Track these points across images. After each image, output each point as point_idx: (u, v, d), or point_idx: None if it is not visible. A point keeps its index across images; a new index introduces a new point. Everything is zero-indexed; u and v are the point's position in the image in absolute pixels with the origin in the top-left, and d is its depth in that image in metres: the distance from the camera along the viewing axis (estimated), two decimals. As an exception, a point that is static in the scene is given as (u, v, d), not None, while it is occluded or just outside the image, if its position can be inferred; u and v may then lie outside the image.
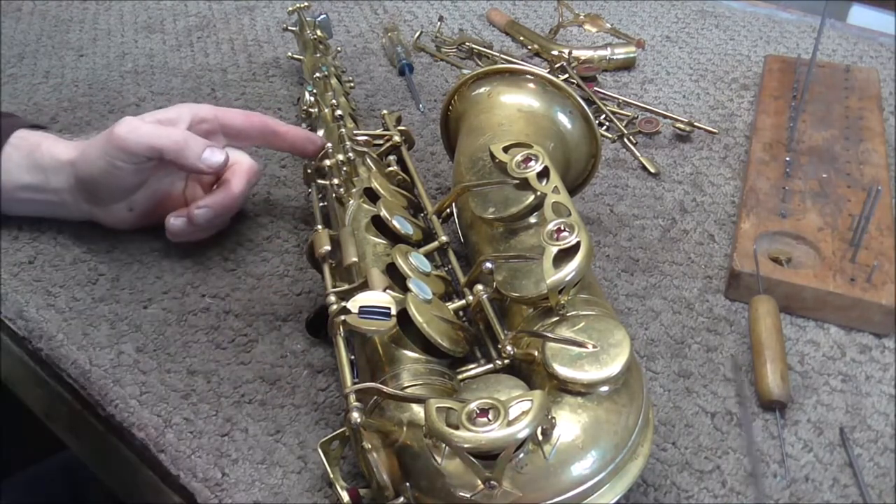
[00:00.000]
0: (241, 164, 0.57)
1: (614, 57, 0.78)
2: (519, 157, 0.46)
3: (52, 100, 0.75)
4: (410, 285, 0.42)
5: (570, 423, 0.35)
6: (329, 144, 0.57)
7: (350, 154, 0.53)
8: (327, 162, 0.54)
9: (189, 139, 0.52)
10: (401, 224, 0.47)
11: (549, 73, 0.54)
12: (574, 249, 0.40)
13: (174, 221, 0.54)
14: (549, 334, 0.38)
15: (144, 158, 0.51)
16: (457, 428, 0.32)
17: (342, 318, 0.40)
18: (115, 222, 0.57)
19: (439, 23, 0.85)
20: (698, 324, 0.51)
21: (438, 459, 0.35)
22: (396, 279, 0.44)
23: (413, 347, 0.41)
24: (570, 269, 0.39)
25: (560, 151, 0.53)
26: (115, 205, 0.55)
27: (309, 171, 0.58)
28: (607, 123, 0.70)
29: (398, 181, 0.54)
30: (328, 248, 0.47)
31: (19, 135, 0.55)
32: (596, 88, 0.74)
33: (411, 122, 0.71)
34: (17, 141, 0.55)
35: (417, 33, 0.84)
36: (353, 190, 0.51)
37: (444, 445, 0.34)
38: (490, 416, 0.33)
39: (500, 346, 0.41)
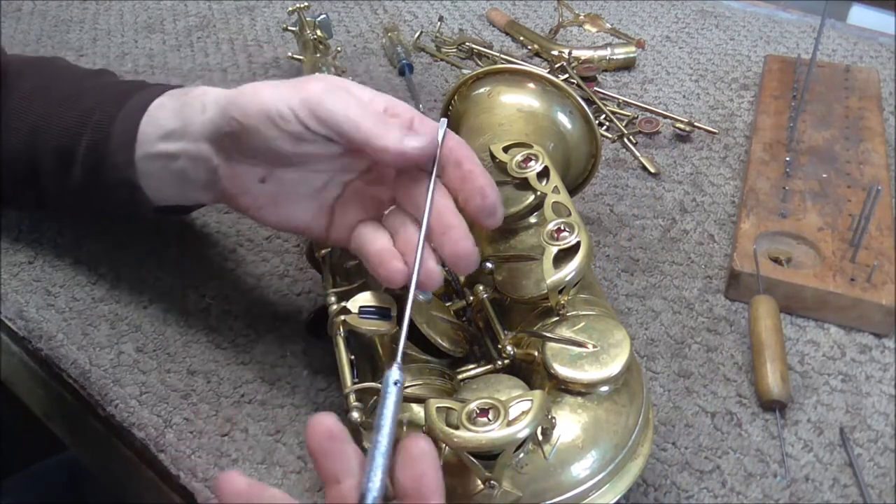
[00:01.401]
0: (460, 146, 0.42)
1: (614, 57, 0.78)
2: (519, 157, 0.46)
3: (52, 100, 0.75)
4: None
5: (570, 423, 0.35)
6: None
7: (350, 154, 0.53)
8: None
9: (388, 120, 0.41)
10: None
11: (549, 73, 0.54)
12: (574, 249, 0.40)
13: (398, 268, 0.40)
14: (549, 334, 0.38)
15: (327, 130, 0.41)
16: (457, 428, 0.32)
17: (342, 318, 0.40)
18: (239, 192, 0.45)
19: (439, 23, 0.85)
20: (698, 324, 0.51)
21: (438, 459, 0.35)
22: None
23: (413, 347, 0.41)
24: (570, 269, 0.39)
25: (560, 151, 0.53)
26: (250, 165, 0.44)
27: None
28: (607, 123, 0.70)
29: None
30: (328, 248, 0.47)
31: (176, 89, 0.48)
32: (596, 88, 0.74)
33: (411, 122, 0.71)
34: (175, 90, 0.48)
35: (417, 33, 0.84)
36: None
37: (444, 445, 0.34)
38: (490, 416, 0.33)
39: (500, 346, 0.41)
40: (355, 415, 0.36)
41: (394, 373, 0.33)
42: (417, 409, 0.37)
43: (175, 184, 0.47)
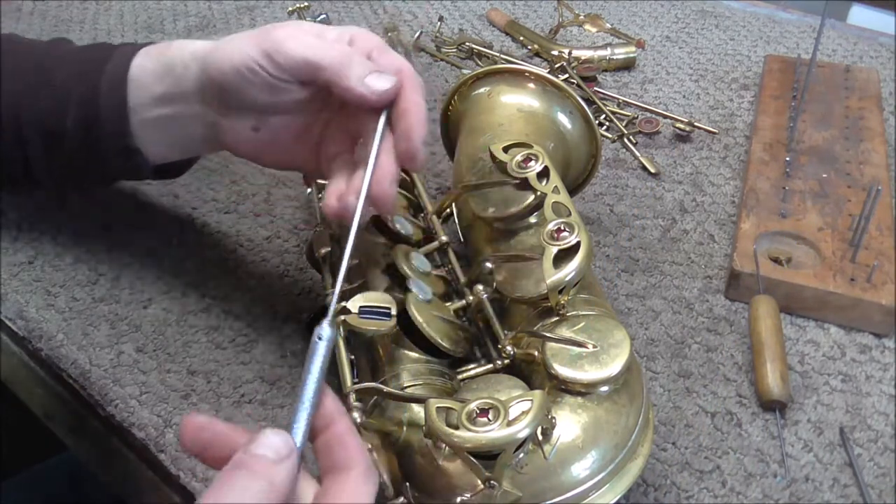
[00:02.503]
0: (411, 94, 0.43)
1: (614, 57, 0.78)
2: (519, 157, 0.46)
3: (52, 100, 0.75)
4: (410, 285, 0.42)
5: (570, 423, 0.35)
6: None
7: (350, 154, 0.53)
8: (327, 162, 0.54)
9: (354, 57, 0.42)
10: (401, 224, 0.47)
11: (549, 73, 0.54)
12: (574, 249, 0.40)
13: (333, 207, 0.42)
14: (549, 334, 0.38)
15: (293, 76, 0.43)
16: (457, 428, 0.32)
17: (342, 317, 0.40)
18: (237, 142, 0.47)
19: (439, 23, 0.85)
20: (698, 324, 0.51)
21: (438, 459, 0.35)
22: (396, 279, 0.44)
23: (413, 347, 0.41)
24: (570, 269, 0.39)
25: (560, 151, 0.53)
26: (241, 118, 0.45)
27: (309, 171, 0.58)
28: (607, 123, 0.70)
29: (398, 181, 0.54)
30: (328, 248, 0.47)
31: (149, 46, 0.48)
32: (596, 88, 0.74)
33: (411, 122, 0.71)
34: (149, 49, 0.48)
35: (417, 33, 0.83)
36: (353, 190, 0.51)
37: (444, 445, 0.34)
38: (490, 416, 0.33)
39: (500, 346, 0.41)
40: (355, 415, 0.36)
41: (324, 329, 0.33)
42: (417, 409, 0.37)
43: (175, 143, 0.49)
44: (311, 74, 0.42)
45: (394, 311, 0.40)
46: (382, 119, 0.42)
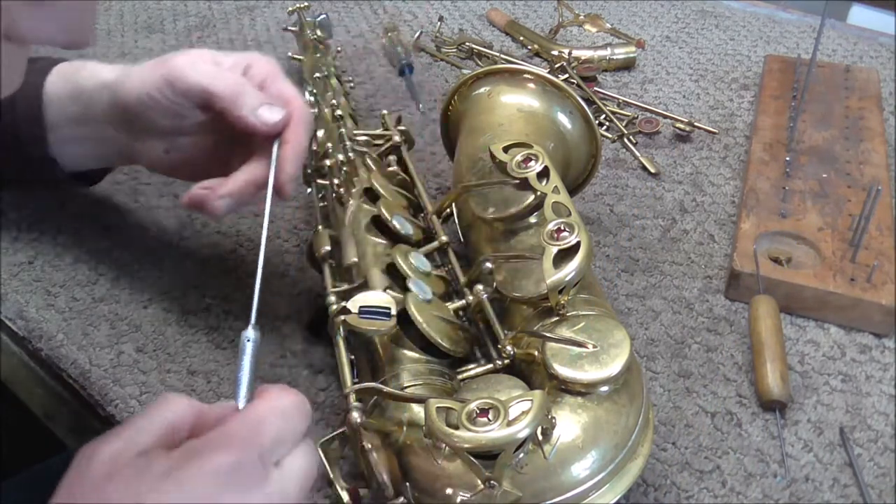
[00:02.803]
0: (296, 128, 0.46)
1: (614, 57, 0.78)
2: (519, 157, 0.46)
3: (52, 100, 0.75)
4: (410, 285, 0.42)
5: (570, 423, 0.35)
6: (329, 144, 0.57)
7: (350, 154, 0.53)
8: (327, 162, 0.54)
9: (247, 87, 0.46)
10: (401, 224, 0.47)
11: (549, 73, 0.54)
12: (574, 249, 0.40)
13: (192, 197, 0.46)
14: (549, 334, 0.38)
15: (191, 102, 0.46)
16: (457, 428, 0.32)
17: (342, 318, 0.40)
18: (150, 163, 0.51)
19: (439, 23, 0.85)
20: (698, 324, 0.51)
21: (438, 459, 0.35)
22: (396, 279, 0.44)
23: (413, 347, 0.41)
24: (570, 269, 0.39)
25: (560, 151, 0.53)
26: (151, 140, 0.49)
27: (309, 171, 0.58)
28: (607, 123, 0.70)
29: (398, 181, 0.54)
30: (328, 248, 0.47)
31: (62, 65, 0.51)
32: (596, 88, 0.74)
33: (411, 122, 0.71)
34: (61, 68, 0.51)
35: (417, 33, 0.83)
36: (353, 190, 0.51)
37: (444, 445, 0.34)
38: (490, 416, 0.33)
39: (500, 346, 0.41)
40: (355, 415, 0.36)
41: (249, 332, 0.36)
42: (417, 409, 0.37)
43: (91, 157, 0.53)
44: (207, 101, 0.46)
45: (394, 311, 0.40)
46: (275, 148, 0.45)
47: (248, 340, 0.36)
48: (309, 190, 0.58)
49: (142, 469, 0.29)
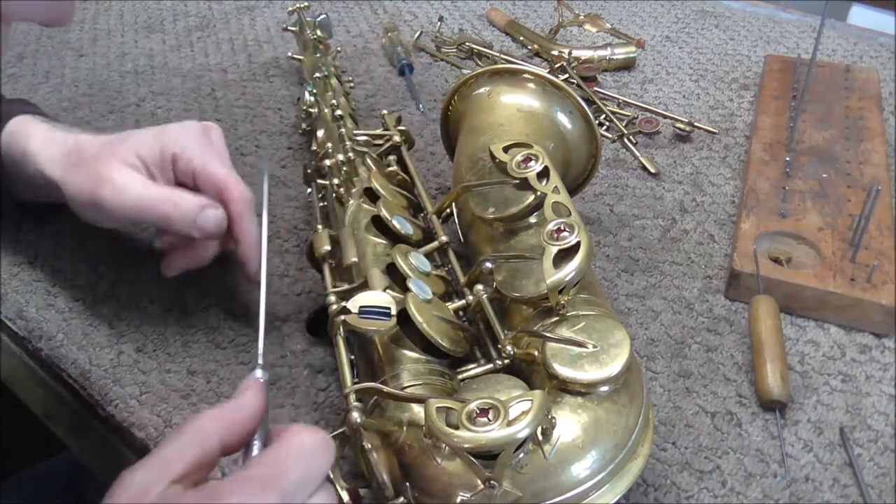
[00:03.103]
0: (241, 221, 0.49)
1: (614, 57, 0.78)
2: (519, 157, 0.46)
3: (52, 100, 0.75)
4: (410, 285, 0.42)
5: (570, 423, 0.35)
6: (329, 144, 0.57)
7: (350, 154, 0.53)
8: (327, 162, 0.54)
9: (179, 203, 0.46)
10: (401, 224, 0.47)
11: (549, 73, 0.54)
12: (574, 249, 0.40)
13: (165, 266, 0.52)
14: (549, 334, 0.38)
15: (124, 221, 0.49)
16: (457, 428, 0.32)
17: (342, 318, 0.40)
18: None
19: (439, 23, 0.85)
20: (698, 324, 0.51)
21: (438, 459, 0.35)
22: (396, 279, 0.44)
23: (413, 347, 0.41)
24: (570, 269, 0.39)
25: (560, 151, 0.53)
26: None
27: (309, 171, 0.58)
28: (607, 123, 0.70)
29: (398, 181, 0.54)
30: (328, 248, 0.47)
31: (17, 121, 0.52)
32: (596, 88, 0.74)
33: (411, 122, 0.71)
34: (14, 127, 0.52)
35: (417, 33, 0.83)
36: (353, 190, 0.51)
37: (444, 445, 0.34)
38: (490, 416, 0.33)
39: (500, 346, 0.41)
40: (355, 415, 0.36)
41: (256, 373, 0.35)
42: (417, 409, 0.37)
43: (43, 198, 0.53)
44: (140, 220, 0.48)
45: (394, 311, 0.40)
46: (266, 187, 0.45)
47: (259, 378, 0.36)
48: (309, 190, 0.58)
49: None
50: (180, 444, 0.31)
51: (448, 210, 0.51)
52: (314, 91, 0.64)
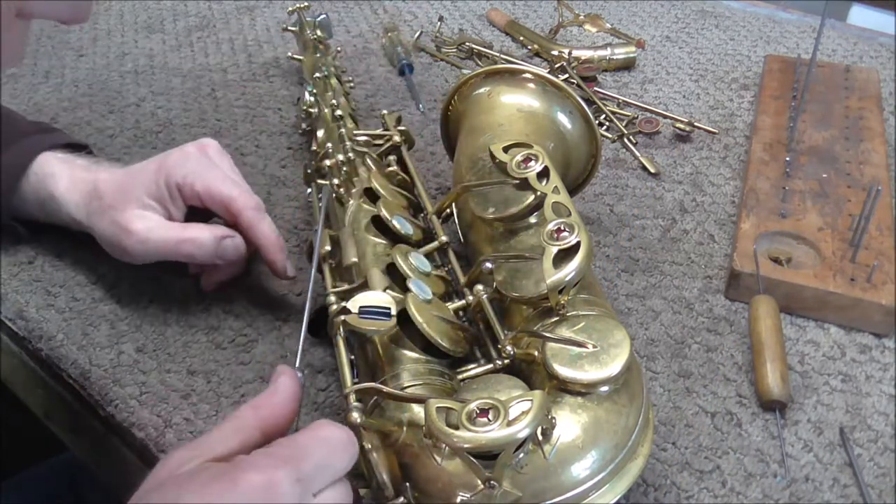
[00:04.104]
0: (256, 228, 0.50)
1: (614, 57, 0.78)
2: (519, 157, 0.46)
3: (52, 100, 0.75)
4: (410, 285, 0.42)
5: (570, 423, 0.35)
6: (329, 144, 0.57)
7: (350, 154, 0.53)
8: (327, 162, 0.54)
9: (198, 241, 0.49)
10: (401, 224, 0.47)
11: (549, 73, 0.54)
12: (574, 249, 0.40)
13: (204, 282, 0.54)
14: (549, 334, 0.38)
15: (148, 261, 0.51)
16: (457, 428, 0.32)
17: (342, 318, 0.40)
18: None
19: (439, 23, 0.85)
20: (698, 324, 0.51)
21: (438, 459, 0.35)
22: (396, 279, 0.44)
23: (413, 347, 0.41)
24: (570, 269, 0.39)
25: (560, 151, 0.53)
26: None
27: (309, 171, 0.58)
28: (607, 123, 0.70)
29: (398, 181, 0.54)
30: (328, 248, 0.47)
31: (39, 162, 0.53)
32: (596, 88, 0.74)
33: (411, 122, 0.71)
34: (38, 169, 0.53)
35: (417, 33, 0.83)
36: (353, 190, 0.51)
37: (444, 445, 0.34)
38: (490, 416, 0.33)
39: (500, 346, 0.41)
40: (355, 415, 0.36)
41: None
42: (417, 409, 0.37)
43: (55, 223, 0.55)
44: (166, 259, 0.50)
45: (394, 311, 0.40)
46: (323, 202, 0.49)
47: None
48: (309, 190, 0.58)
49: (193, 475, 0.31)
50: (224, 431, 0.34)
51: (448, 210, 0.51)
52: (314, 91, 0.64)
